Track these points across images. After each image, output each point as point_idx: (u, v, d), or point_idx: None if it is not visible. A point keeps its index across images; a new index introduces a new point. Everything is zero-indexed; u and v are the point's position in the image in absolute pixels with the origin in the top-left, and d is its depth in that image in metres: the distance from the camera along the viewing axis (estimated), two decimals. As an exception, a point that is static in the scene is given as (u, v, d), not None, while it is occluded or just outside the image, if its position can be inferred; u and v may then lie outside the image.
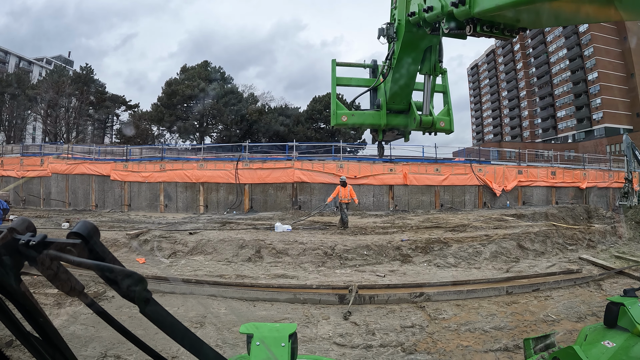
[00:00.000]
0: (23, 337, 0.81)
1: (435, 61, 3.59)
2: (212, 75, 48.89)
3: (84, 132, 52.34)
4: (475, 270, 10.39)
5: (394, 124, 4.15)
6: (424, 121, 3.78)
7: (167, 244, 12.07)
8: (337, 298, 7.86)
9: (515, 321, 6.95)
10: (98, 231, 0.78)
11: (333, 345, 6.11)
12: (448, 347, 6.00)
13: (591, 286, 8.86)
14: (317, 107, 49.70)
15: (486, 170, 23.84)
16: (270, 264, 10.78)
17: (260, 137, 47.52)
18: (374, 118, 4.16)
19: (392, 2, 3.54)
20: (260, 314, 7.32)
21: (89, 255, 0.74)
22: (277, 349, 1.43)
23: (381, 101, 4.09)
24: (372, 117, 4.17)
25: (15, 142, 42.81)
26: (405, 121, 4.11)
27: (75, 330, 6.25)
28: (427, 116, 3.79)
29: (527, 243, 11.95)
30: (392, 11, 3.56)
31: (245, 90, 51.90)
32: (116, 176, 24.20)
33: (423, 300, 7.87)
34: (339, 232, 13.70)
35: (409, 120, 4.04)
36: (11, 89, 47.96)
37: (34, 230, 0.78)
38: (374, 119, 4.16)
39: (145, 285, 0.75)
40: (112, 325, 0.84)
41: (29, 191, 26.10)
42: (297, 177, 22.01)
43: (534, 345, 2.81)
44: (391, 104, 4.05)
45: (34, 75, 62.69)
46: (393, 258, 11.01)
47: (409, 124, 4.06)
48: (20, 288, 0.76)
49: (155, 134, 49.94)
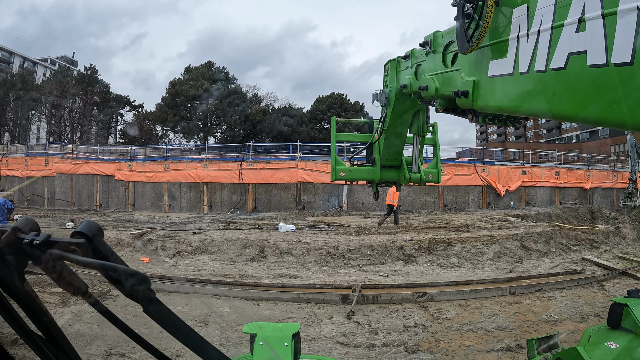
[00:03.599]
0: (27, 336, 0.82)
1: (423, 123, 4.01)
2: (216, 75, 48.91)
3: (88, 132, 52.46)
4: (479, 270, 10.37)
5: (386, 178, 4.48)
6: (412, 178, 4.21)
7: (171, 244, 12.09)
8: (341, 298, 7.87)
9: (518, 321, 6.94)
10: (102, 231, 0.79)
11: (336, 344, 6.12)
12: (451, 347, 5.99)
13: (594, 287, 8.83)
14: (321, 107, 49.64)
15: (490, 170, 23.76)
16: (274, 263, 10.78)
17: (264, 137, 47.47)
18: (369, 173, 4.47)
19: (385, 70, 3.79)
20: (263, 313, 7.33)
21: (93, 255, 0.75)
22: (280, 348, 1.43)
23: (375, 158, 4.40)
24: (367, 172, 4.48)
25: (20, 142, 42.96)
26: (397, 176, 4.47)
27: (80, 329, 6.28)
28: (416, 174, 4.22)
29: (530, 243, 11.90)
30: (384, 78, 3.81)
31: (249, 90, 51.96)
32: (120, 176, 24.26)
33: (426, 300, 7.86)
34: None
35: (400, 175, 4.41)
36: (16, 89, 48.14)
37: (38, 229, 0.79)
38: (369, 174, 4.46)
39: (148, 285, 0.75)
40: (116, 325, 0.84)
41: (34, 191, 26.21)
42: (300, 177, 22.01)
43: (538, 346, 2.80)
44: (384, 161, 4.38)
45: (38, 75, 62.86)
46: (396, 258, 11.00)
47: (400, 179, 4.43)
48: (24, 287, 0.76)
49: (159, 134, 50.02)
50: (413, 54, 3.15)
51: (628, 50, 1.09)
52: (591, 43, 1.22)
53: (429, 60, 2.74)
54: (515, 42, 1.63)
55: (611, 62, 1.14)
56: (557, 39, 1.38)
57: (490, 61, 1.83)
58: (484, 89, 1.92)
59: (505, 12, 1.71)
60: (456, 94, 2.06)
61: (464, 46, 1.89)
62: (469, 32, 1.85)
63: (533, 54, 1.51)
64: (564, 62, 1.34)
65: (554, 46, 1.39)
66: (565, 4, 1.34)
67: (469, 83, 2.00)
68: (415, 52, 3.12)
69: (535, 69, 1.49)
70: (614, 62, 1.13)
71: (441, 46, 2.54)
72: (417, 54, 3.08)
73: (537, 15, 1.49)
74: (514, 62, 1.64)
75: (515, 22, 1.64)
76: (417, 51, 3.10)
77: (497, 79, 1.79)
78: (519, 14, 1.61)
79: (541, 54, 1.46)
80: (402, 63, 3.44)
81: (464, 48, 1.90)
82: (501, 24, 1.74)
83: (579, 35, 1.27)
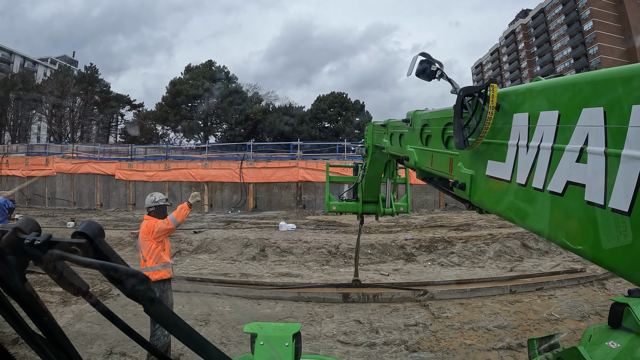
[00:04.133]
0: (28, 336, 0.82)
1: (393, 170, 5.32)
2: (217, 74, 48.90)
3: (88, 131, 52.45)
4: (479, 269, 10.37)
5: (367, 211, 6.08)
6: (386, 212, 5.82)
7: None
8: (341, 297, 7.87)
9: (518, 320, 6.94)
10: (103, 231, 0.79)
11: (337, 343, 6.12)
12: (451, 346, 5.99)
13: (595, 285, 8.82)
14: (322, 107, 49.61)
15: (490, 169, 23.72)
16: (274, 262, 10.79)
17: (264, 136, 47.43)
18: (354, 207, 6.13)
19: (365, 130, 4.86)
20: (264, 312, 7.34)
21: (93, 255, 0.75)
22: (281, 348, 1.44)
23: (359, 195, 5.86)
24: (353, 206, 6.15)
25: (20, 141, 42.98)
26: (375, 209, 6.01)
27: (81, 328, 6.30)
28: (389, 209, 5.83)
29: (531, 242, 11.90)
30: (365, 136, 4.88)
31: (249, 89, 51.95)
32: (121, 175, 24.27)
33: (427, 299, 7.86)
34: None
35: (378, 209, 5.96)
36: (16, 89, 48.14)
37: (38, 229, 0.78)
38: (354, 208, 6.13)
39: (149, 285, 0.75)
40: (117, 325, 0.84)
41: (34, 190, 26.24)
42: (301, 176, 22.00)
43: (538, 346, 2.80)
44: (365, 197, 5.80)
45: (38, 75, 62.89)
46: (397, 257, 11.01)
47: (378, 212, 6.00)
48: (25, 287, 0.76)
49: (159, 133, 49.99)
50: (389, 124, 3.67)
51: (627, 200, 1.01)
52: (590, 178, 1.14)
53: (410, 134, 2.90)
54: (514, 149, 1.53)
55: (608, 206, 1.06)
56: (557, 162, 1.28)
57: (489, 160, 1.74)
58: (481, 187, 1.84)
59: (506, 113, 1.61)
60: (454, 184, 2.00)
61: (460, 144, 1.81)
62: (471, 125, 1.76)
63: (532, 168, 1.41)
64: (562, 188, 1.26)
65: (553, 168, 1.30)
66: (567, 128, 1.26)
67: (466, 176, 1.91)
68: (391, 123, 3.63)
69: (533, 184, 1.40)
70: (611, 206, 1.05)
71: (419, 125, 2.65)
72: (392, 124, 3.57)
73: (537, 130, 1.39)
74: (512, 170, 1.53)
75: (515, 128, 1.54)
76: (392, 122, 3.61)
77: (495, 181, 1.69)
78: (520, 120, 1.51)
79: (540, 171, 1.36)
80: (378, 127, 4.18)
81: (460, 146, 1.80)
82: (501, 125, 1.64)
83: (579, 165, 1.19)
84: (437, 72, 2.14)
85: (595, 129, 1.14)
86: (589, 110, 1.17)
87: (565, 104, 1.28)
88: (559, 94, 1.33)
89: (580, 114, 1.20)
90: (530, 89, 1.51)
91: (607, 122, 1.10)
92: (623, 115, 1.04)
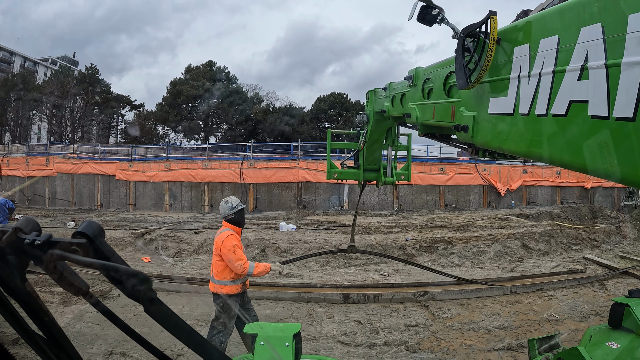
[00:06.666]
0: (28, 336, 0.82)
1: (395, 137, 5.25)
2: (217, 75, 48.87)
3: (89, 132, 52.44)
4: (480, 269, 10.37)
5: (368, 178, 5.72)
6: (387, 181, 5.53)
7: (172, 243, 12.10)
8: (342, 297, 7.87)
9: (519, 320, 6.94)
10: (103, 231, 0.79)
11: (337, 343, 6.12)
12: (452, 346, 5.99)
13: (595, 286, 8.82)
14: (322, 107, 49.58)
15: (491, 169, 23.70)
16: (274, 263, 10.78)
17: (265, 136, 47.40)
18: (355, 175, 5.76)
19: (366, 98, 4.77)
20: (264, 313, 7.33)
21: (94, 255, 0.75)
22: (281, 348, 1.44)
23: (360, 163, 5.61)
24: (354, 174, 5.77)
25: (21, 142, 42.98)
26: (376, 177, 5.68)
27: (82, 328, 6.29)
28: (390, 178, 5.53)
29: (531, 243, 11.90)
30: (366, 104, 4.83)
31: (250, 90, 51.92)
32: (121, 176, 24.27)
33: (427, 300, 7.86)
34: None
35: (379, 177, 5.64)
36: (17, 89, 48.14)
37: (39, 229, 0.79)
38: (355, 176, 5.76)
39: (150, 285, 0.75)
40: (117, 325, 0.84)
41: (35, 191, 26.23)
42: (301, 177, 21.99)
43: (539, 346, 2.80)
44: (366, 165, 5.56)
45: (39, 75, 62.86)
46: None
47: (379, 180, 5.65)
48: (25, 287, 0.76)
49: (160, 133, 49.97)
50: (390, 87, 3.77)
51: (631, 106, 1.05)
52: (593, 93, 1.18)
53: (412, 91, 2.96)
54: (516, 81, 1.58)
55: (613, 116, 1.10)
56: (558, 84, 1.33)
57: (491, 98, 1.77)
58: (484, 126, 1.87)
59: (506, 49, 1.66)
60: (456, 128, 2.01)
61: (463, 83, 1.82)
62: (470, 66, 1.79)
63: (534, 96, 1.46)
64: (565, 109, 1.30)
65: (555, 91, 1.34)
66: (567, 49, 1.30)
67: (469, 118, 1.94)
68: (392, 85, 3.74)
69: (535, 112, 1.45)
70: (615, 115, 1.09)
71: (421, 81, 2.72)
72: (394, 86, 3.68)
73: (538, 57, 1.44)
74: (514, 102, 1.58)
75: (516, 61, 1.59)
76: (393, 84, 3.73)
77: (498, 117, 1.73)
78: (520, 53, 1.56)
79: (542, 97, 1.41)
80: (380, 92, 4.25)
81: (463, 85, 1.81)
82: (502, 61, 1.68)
83: (580, 83, 1.23)
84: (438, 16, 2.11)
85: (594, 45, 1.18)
86: (588, 29, 1.21)
87: (564, 27, 1.33)
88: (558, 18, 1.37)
89: (579, 33, 1.24)
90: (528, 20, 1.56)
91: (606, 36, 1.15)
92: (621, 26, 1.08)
